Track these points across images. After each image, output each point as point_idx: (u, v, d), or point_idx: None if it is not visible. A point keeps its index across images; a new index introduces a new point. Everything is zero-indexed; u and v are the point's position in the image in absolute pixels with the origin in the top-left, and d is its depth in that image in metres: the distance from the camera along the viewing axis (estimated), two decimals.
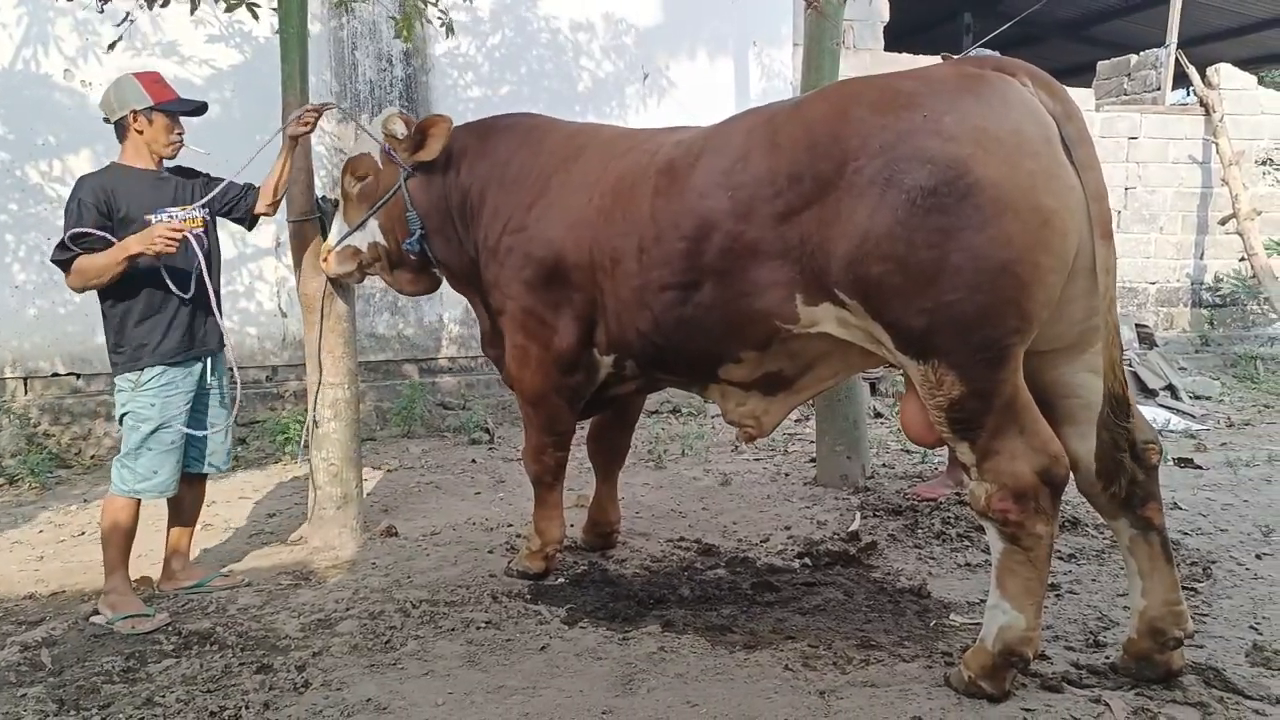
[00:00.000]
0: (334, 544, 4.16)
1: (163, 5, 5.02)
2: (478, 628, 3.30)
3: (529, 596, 3.62)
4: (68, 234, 3.34)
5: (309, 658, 3.08)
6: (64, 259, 3.37)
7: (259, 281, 6.64)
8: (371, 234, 3.83)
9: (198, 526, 3.96)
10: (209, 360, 3.65)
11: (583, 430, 4.48)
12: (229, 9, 4.91)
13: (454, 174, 3.74)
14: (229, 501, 5.17)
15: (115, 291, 3.44)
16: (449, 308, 7.34)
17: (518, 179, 3.61)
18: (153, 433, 3.48)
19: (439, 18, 5.28)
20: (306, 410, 4.27)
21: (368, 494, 5.11)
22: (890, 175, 2.52)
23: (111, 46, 5.34)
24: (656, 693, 2.81)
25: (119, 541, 3.53)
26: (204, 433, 3.66)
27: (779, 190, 2.77)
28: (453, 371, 7.40)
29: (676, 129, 3.44)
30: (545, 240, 3.43)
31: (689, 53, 7.78)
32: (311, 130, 3.82)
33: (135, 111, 3.47)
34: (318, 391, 4.15)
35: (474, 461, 6.08)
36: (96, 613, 3.47)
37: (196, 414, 3.64)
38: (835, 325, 2.83)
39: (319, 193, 4.18)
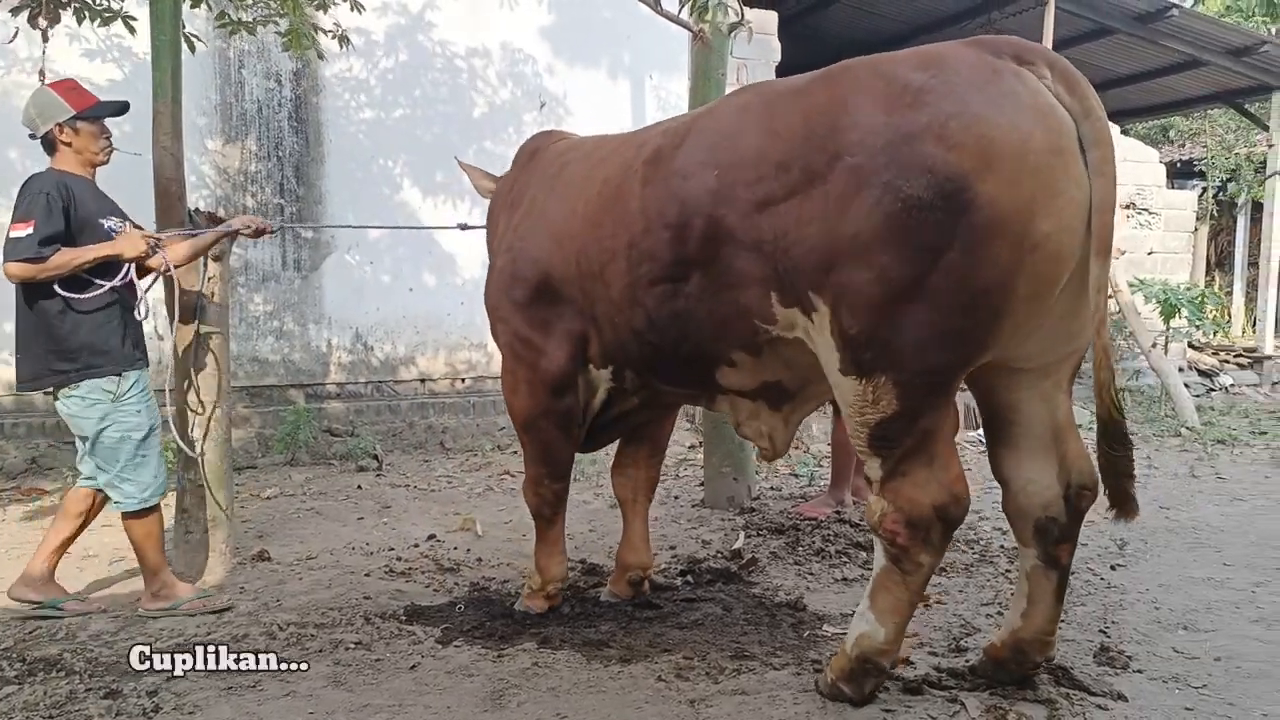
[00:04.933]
0: (200, 569, 3.99)
1: (50, 26, 4.86)
2: (346, 648, 3.21)
3: (404, 618, 3.53)
4: (43, 235, 3.23)
5: (162, 683, 2.93)
6: (39, 257, 3.23)
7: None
8: None
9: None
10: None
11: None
12: (103, 23, 4.80)
13: (496, 205, 3.85)
14: (92, 529, 4.84)
15: (76, 302, 3.34)
16: (338, 333, 7.20)
17: (515, 201, 3.61)
18: (145, 439, 3.49)
19: (331, 29, 5.25)
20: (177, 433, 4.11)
21: (244, 521, 4.94)
22: (887, 179, 2.29)
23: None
24: (526, 706, 2.77)
25: (155, 542, 3.58)
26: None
27: (762, 175, 2.55)
28: (341, 397, 7.23)
29: (666, 121, 3.27)
30: (531, 259, 3.33)
31: (586, 82, 7.90)
32: (250, 234, 3.89)
33: (59, 124, 3.40)
34: (187, 411, 3.99)
35: (360, 488, 5.93)
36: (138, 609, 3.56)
37: None
38: (805, 334, 2.63)
39: (190, 205, 4.06)
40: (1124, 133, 10.92)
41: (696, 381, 3.13)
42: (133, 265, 3.46)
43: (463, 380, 7.70)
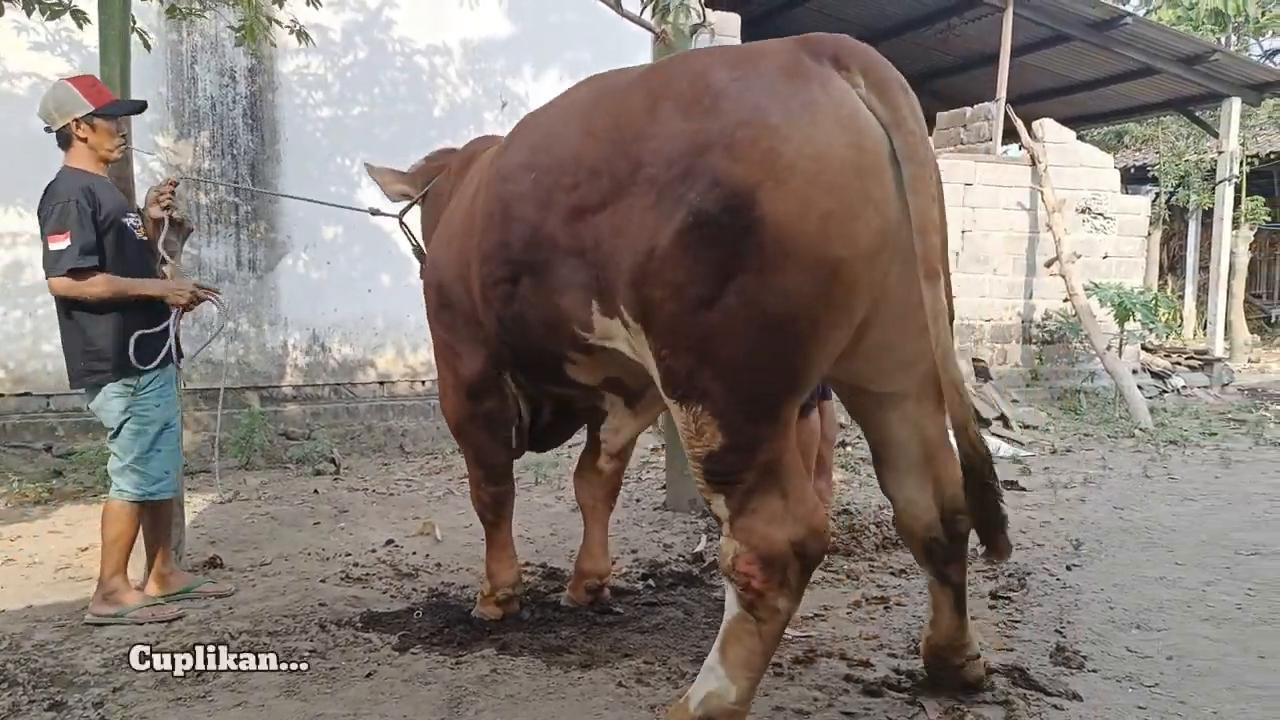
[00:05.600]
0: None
1: None
2: (301, 657, 3.15)
3: (360, 624, 3.48)
4: (81, 244, 3.31)
5: (108, 694, 2.86)
6: (85, 267, 3.33)
7: None
8: None
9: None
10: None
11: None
12: (51, 16, 4.68)
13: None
14: (37, 536, 4.78)
15: (108, 305, 3.40)
16: (293, 334, 7.08)
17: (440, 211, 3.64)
18: (161, 432, 3.54)
19: (289, 25, 5.15)
20: None
21: (195, 526, 4.83)
22: (681, 192, 2.15)
23: None
24: (485, 714, 2.74)
25: (124, 545, 3.57)
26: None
27: (577, 182, 2.41)
28: (297, 400, 7.11)
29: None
30: (435, 265, 3.37)
31: (548, 81, 7.85)
32: (171, 205, 3.71)
33: (77, 120, 3.43)
34: None
35: (316, 492, 5.83)
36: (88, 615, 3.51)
37: None
38: (626, 345, 2.51)
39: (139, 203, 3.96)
40: (1080, 138, 11.08)
41: (556, 380, 3.05)
42: (178, 313, 3.57)
43: (422, 382, 7.62)
